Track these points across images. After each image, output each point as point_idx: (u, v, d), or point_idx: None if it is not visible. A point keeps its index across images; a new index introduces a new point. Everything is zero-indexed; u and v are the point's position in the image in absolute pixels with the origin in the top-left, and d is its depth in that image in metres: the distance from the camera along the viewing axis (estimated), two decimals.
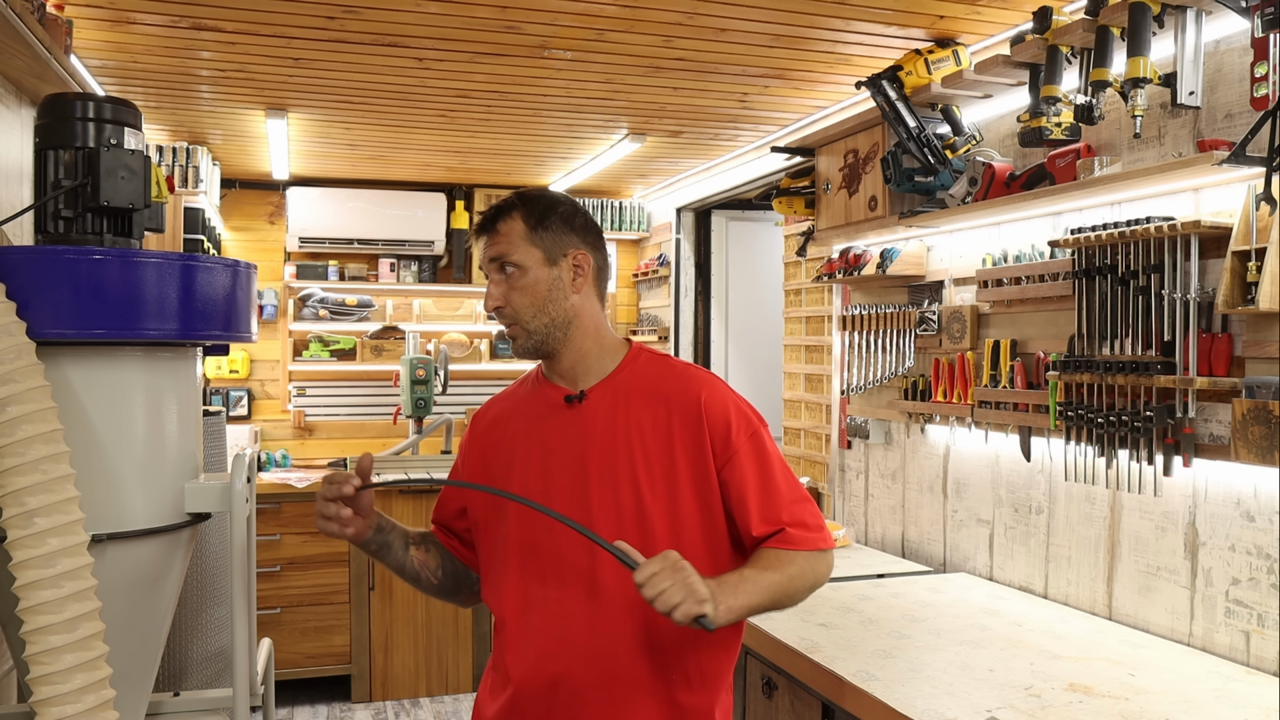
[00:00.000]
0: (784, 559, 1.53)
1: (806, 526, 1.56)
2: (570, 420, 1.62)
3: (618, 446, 1.58)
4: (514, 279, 1.61)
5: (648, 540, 1.53)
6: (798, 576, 1.53)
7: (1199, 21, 2.05)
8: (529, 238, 1.62)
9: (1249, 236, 1.92)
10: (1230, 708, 1.80)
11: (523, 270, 1.61)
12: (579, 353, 1.64)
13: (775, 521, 1.55)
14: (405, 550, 1.70)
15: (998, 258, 2.74)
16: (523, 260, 1.61)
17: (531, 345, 1.63)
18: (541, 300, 1.61)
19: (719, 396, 1.61)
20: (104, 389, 1.90)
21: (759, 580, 1.48)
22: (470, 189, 5.48)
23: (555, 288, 1.62)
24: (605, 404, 1.62)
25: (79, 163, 1.93)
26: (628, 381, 1.63)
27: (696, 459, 1.57)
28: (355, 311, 5.39)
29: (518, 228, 1.62)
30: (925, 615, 2.42)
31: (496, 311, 1.63)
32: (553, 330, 1.62)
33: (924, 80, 2.71)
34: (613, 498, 1.56)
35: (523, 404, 1.71)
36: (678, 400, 1.60)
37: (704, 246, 5.33)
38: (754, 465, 1.57)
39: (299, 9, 2.59)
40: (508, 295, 1.61)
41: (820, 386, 3.85)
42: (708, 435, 1.57)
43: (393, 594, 4.63)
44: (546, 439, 1.63)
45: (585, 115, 3.78)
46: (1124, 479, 2.20)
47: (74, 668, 1.63)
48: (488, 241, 1.64)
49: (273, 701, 2.46)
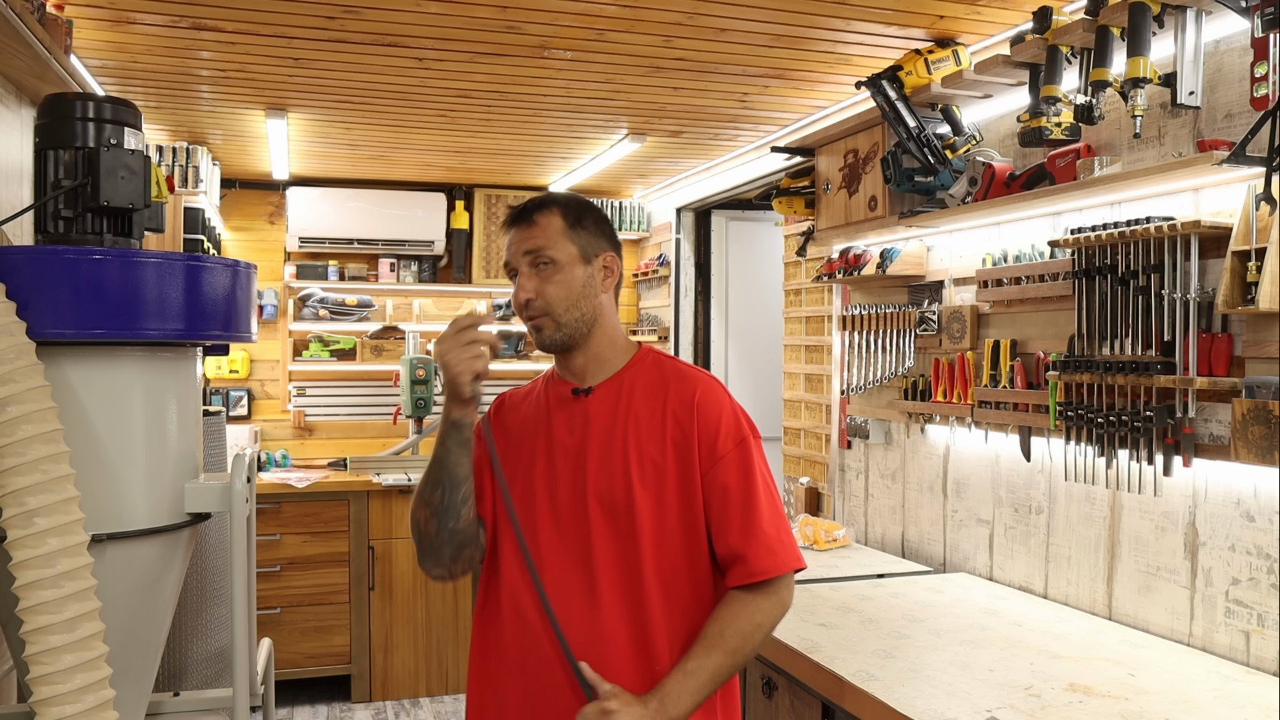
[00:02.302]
0: (729, 628, 1.56)
1: (773, 552, 1.58)
2: (576, 412, 1.67)
3: (615, 439, 1.62)
4: (549, 273, 1.63)
5: (634, 532, 1.58)
6: (741, 646, 1.55)
7: (1199, 21, 2.05)
8: (567, 234, 1.65)
9: (1249, 236, 1.92)
10: (1230, 708, 1.80)
11: (559, 266, 1.63)
12: (595, 351, 1.68)
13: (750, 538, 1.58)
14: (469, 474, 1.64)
15: (998, 258, 2.74)
16: (560, 256, 1.63)
17: (559, 339, 1.64)
18: (575, 296, 1.64)
19: (714, 399, 1.64)
20: (104, 389, 1.90)
21: (702, 671, 1.53)
22: (470, 189, 5.48)
23: (588, 285, 1.66)
24: (609, 398, 1.66)
25: (79, 163, 1.93)
26: (632, 379, 1.68)
27: (684, 456, 1.61)
28: (355, 311, 5.39)
29: (556, 223, 1.65)
30: (925, 615, 2.42)
31: (527, 305, 1.63)
32: (580, 326, 1.65)
33: (924, 80, 2.71)
34: (607, 488, 1.60)
35: (537, 397, 1.75)
36: (674, 397, 1.64)
37: (704, 246, 5.33)
38: (738, 475, 1.60)
39: (299, 9, 2.59)
40: (541, 288, 1.62)
41: (820, 386, 3.85)
42: (696, 435, 1.61)
43: (393, 594, 4.63)
44: (554, 430, 1.67)
45: (585, 115, 3.78)
46: (1124, 479, 2.20)
47: (74, 668, 1.63)
48: (523, 234, 1.65)
49: (273, 701, 2.46)
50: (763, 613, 1.58)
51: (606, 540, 1.59)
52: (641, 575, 1.58)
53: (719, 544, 1.61)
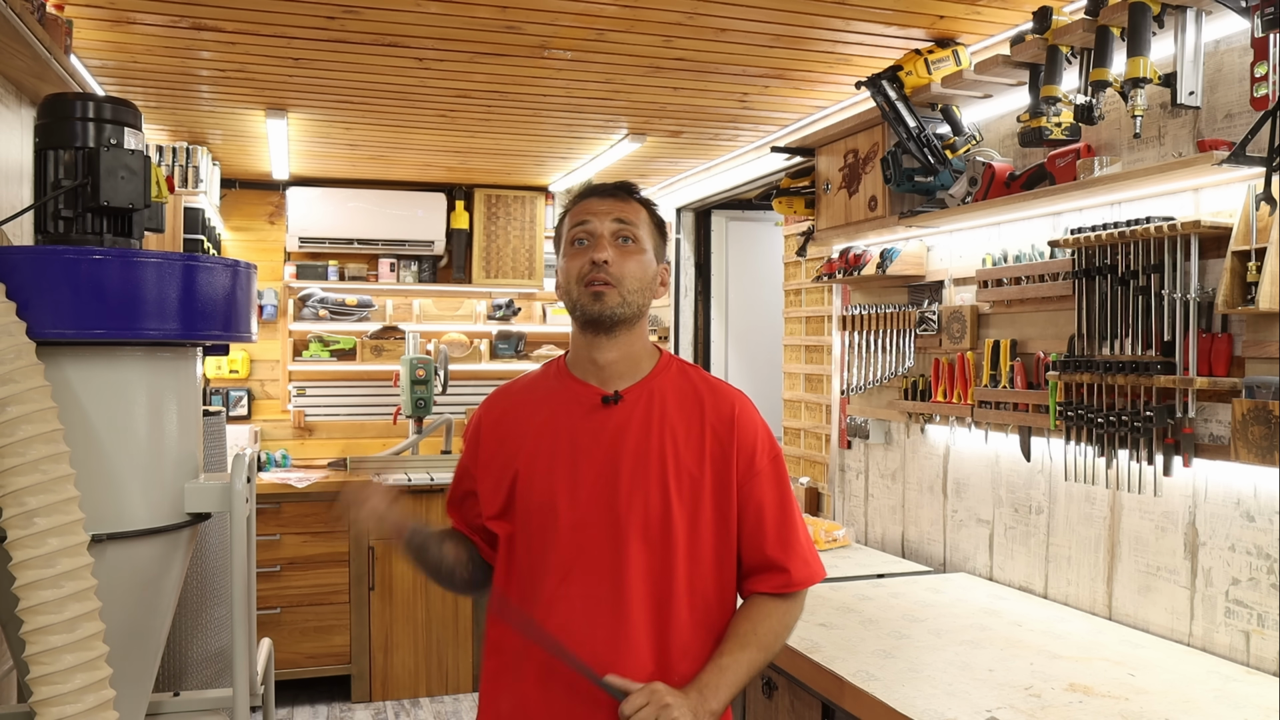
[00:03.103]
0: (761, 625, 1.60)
1: (808, 563, 1.65)
2: (604, 420, 1.62)
3: (651, 450, 1.60)
4: (630, 250, 1.62)
5: (668, 546, 1.58)
6: (773, 643, 1.61)
7: (1199, 21, 2.05)
8: (650, 228, 1.67)
9: (1249, 236, 1.92)
10: (1230, 708, 1.80)
11: (641, 248, 1.64)
12: (628, 348, 1.65)
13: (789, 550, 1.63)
14: (440, 547, 1.71)
15: (998, 258, 2.74)
16: (645, 241, 1.65)
17: (620, 312, 1.60)
18: (646, 283, 1.64)
19: (750, 415, 1.67)
20: (104, 389, 1.90)
21: (737, 665, 1.56)
22: (470, 189, 5.48)
23: (654, 281, 1.66)
24: (640, 406, 1.63)
25: (79, 163, 1.93)
26: (662, 386, 1.65)
27: (722, 471, 1.61)
28: (355, 311, 5.39)
29: (644, 215, 1.67)
30: (925, 615, 2.42)
31: (599, 266, 1.58)
32: (637, 312, 1.63)
33: (924, 80, 2.71)
34: (642, 500, 1.58)
35: (547, 398, 1.68)
36: (712, 411, 1.64)
37: (704, 246, 5.33)
38: (774, 490, 1.65)
39: (299, 9, 2.59)
40: (620, 259, 1.60)
41: (820, 386, 3.85)
42: (735, 450, 1.62)
43: (393, 594, 4.63)
44: (576, 436, 1.62)
45: (585, 115, 3.78)
46: (1124, 479, 2.20)
47: (74, 668, 1.64)
48: (616, 205, 1.64)
49: (273, 701, 2.47)
50: (791, 615, 1.65)
51: (639, 552, 1.57)
52: (673, 588, 1.57)
53: (752, 554, 1.64)
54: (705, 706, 1.50)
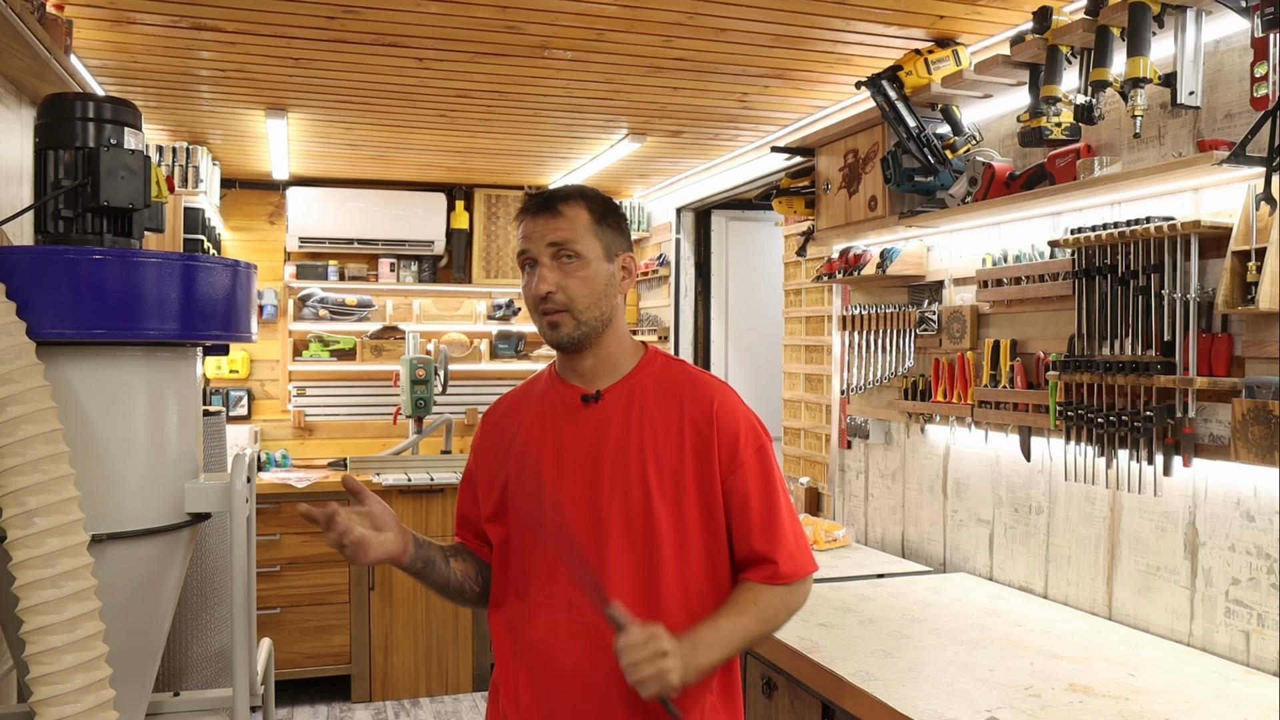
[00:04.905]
0: (763, 598, 1.58)
1: (794, 556, 1.61)
2: (585, 419, 1.63)
3: (630, 446, 1.59)
4: (572, 268, 1.57)
5: (653, 541, 1.56)
6: (772, 618, 1.59)
7: (1199, 21, 2.05)
8: (593, 229, 1.60)
9: (1249, 236, 1.92)
10: (1230, 708, 1.80)
11: (584, 261, 1.58)
12: (606, 352, 1.64)
13: (775, 542, 1.59)
14: (447, 564, 1.68)
15: (998, 258, 2.74)
16: (586, 251, 1.58)
17: (577, 336, 1.59)
18: (598, 293, 1.59)
19: (731, 405, 1.63)
20: (104, 389, 1.90)
21: (734, 628, 1.54)
22: (470, 189, 5.48)
23: (609, 284, 1.62)
24: (621, 404, 1.62)
25: (79, 163, 1.93)
26: (643, 383, 1.64)
27: (704, 463, 1.59)
28: (355, 311, 5.39)
29: (583, 216, 1.59)
30: (925, 615, 2.42)
31: (546, 298, 1.57)
32: (597, 325, 1.60)
33: (924, 80, 2.71)
34: (623, 497, 1.57)
35: (537, 401, 1.70)
36: (691, 404, 1.61)
37: (704, 246, 5.33)
38: (759, 481, 1.61)
39: (299, 9, 2.59)
40: (563, 282, 1.57)
41: (820, 386, 3.85)
42: (716, 442, 1.59)
43: (393, 594, 4.63)
44: (560, 436, 1.63)
45: (585, 115, 3.78)
46: (1124, 479, 2.20)
47: (74, 668, 1.63)
48: (547, 224, 1.58)
49: (273, 701, 2.46)
50: (794, 598, 1.62)
51: (621, 548, 1.56)
52: (660, 581, 1.56)
53: (740, 546, 1.62)
54: (694, 660, 1.47)
